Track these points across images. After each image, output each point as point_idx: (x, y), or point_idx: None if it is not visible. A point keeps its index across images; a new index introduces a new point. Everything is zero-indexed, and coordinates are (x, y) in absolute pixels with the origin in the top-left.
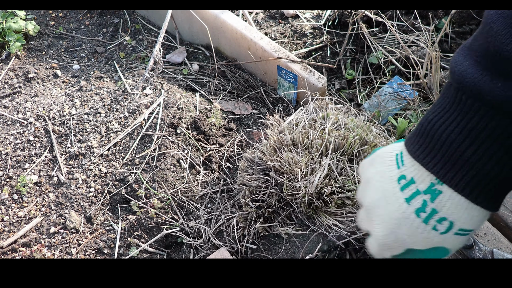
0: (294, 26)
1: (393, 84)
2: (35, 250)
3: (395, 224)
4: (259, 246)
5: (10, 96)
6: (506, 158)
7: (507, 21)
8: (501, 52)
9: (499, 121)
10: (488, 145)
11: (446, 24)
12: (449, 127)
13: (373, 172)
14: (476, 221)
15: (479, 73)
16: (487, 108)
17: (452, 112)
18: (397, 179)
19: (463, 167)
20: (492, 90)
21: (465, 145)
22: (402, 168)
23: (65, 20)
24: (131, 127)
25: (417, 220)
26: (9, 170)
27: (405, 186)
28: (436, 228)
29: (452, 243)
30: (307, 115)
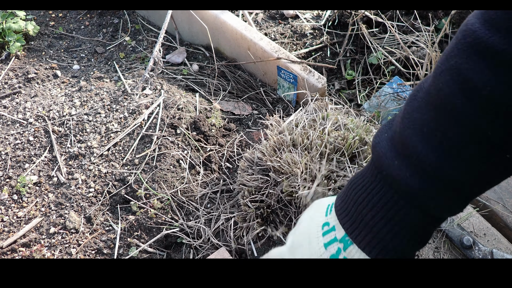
0: (294, 27)
1: (393, 85)
2: (35, 250)
3: None
4: (258, 246)
5: (10, 96)
6: (398, 229)
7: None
8: (403, 136)
9: (392, 196)
10: (382, 215)
11: (446, 25)
12: (359, 191)
13: (305, 215)
14: None
15: (386, 148)
16: (386, 182)
17: (365, 178)
18: (322, 225)
19: (364, 229)
20: (391, 167)
21: (365, 211)
22: (328, 216)
23: (65, 20)
24: (131, 127)
25: None
26: (9, 170)
27: (327, 232)
28: None
29: None
30: (307, 116)
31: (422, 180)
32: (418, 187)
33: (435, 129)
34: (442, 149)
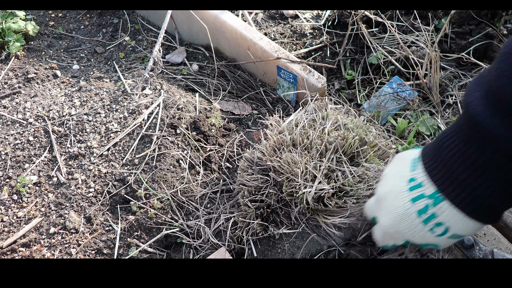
0: (293, 26)
1: (392, 85)
2: (35, 251)
3: (398, 218)
4: (258, 246)
5: (10, 96)
6: (497, 185)
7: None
8: (501, 93)
9: (492, 155)
10: (480, 173)
11: (446, 24)
12: (453, 150)
13: (390, 169)
14: (471, 230)
15: (482, 107)
16: (484, 141)
17: (458, 137)
18: (408, 179)
19: (459, 186)
20: (489, 126)
21: (461, 169)
22: (415, 171)
23: (64, 20)
24: (131, 127)
25: (417, 219)
26: (9, 171)
27: (413, 187)
28: (433, 230)
29: (446, 244)
30: (306, 116)
31: None
32: None
33: None
34: None
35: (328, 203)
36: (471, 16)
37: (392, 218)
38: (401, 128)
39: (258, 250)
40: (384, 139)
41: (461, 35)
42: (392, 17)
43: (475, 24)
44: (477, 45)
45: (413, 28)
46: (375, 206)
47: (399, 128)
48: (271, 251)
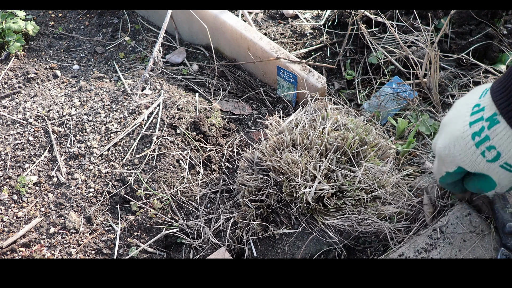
0: (293, 27)
1: (392, 85)
2: (35, 251)
3: (453, 140)
4: (258, 246)
5: (10, 96)
6: None
7: None
8: None
9: None
10: None
11: (445, 25)
12: None
13: (462, 99)
14: None
15: None
16: None
17: None
18: (473, 106)
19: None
20: None
21: None
22: (481, 99)
23: (64, 20)
24: (131, 127)
25: (470, 142)
26: (9, 171)
27: (475, 112)
28: (484, 154)
29: (497, 174)
30: (306, 116)
31: None
32: None
33: None
34: None
35: (327, 203)
36: (471, 16)
37: (447, 139)
38: (401, 128)
39: (258, 250)
40: (384, 139)
41: (461, 35)
42: (392, 17)
43: (475, 24)
44: (477, 45)
45: (413, 28)
46: (439, 130)
47: (399, 128)
48: (271, 251)
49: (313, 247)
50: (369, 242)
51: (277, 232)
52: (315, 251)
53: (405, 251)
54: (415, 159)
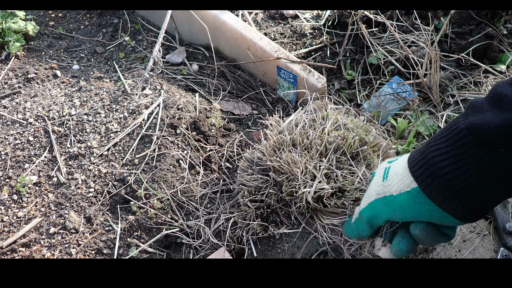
0: (293, 27)
1: (392, 85)
2: (35, 251)
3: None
4: (258, 246)
5: (10, 96)
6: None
7: None
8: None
9: (474, 149)
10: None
11: (445, 24)
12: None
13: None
14: (402, 179)
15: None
16: (470, 137)
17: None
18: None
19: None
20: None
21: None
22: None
23: (64, 20)
24: (131, 127)
25: (379, 180)
26: (9, 171)
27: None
28: (383, 177)
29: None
30: (306, 116)
31: None
32: None
33: None
34: None
35: (327, 203)
36: (471, 16)
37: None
38: (401, 128)
39: (258, 250)
40: (384, 139)
41: (461, 35)
42: (392, 17)
43: (475, 24)
44: (477, 45)
45: (413, 28)
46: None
47: (399, 128)
48: (271, 251)
49: (313, 247)
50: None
51: (277, 232)
52: (315, 251)
53: None
54: None
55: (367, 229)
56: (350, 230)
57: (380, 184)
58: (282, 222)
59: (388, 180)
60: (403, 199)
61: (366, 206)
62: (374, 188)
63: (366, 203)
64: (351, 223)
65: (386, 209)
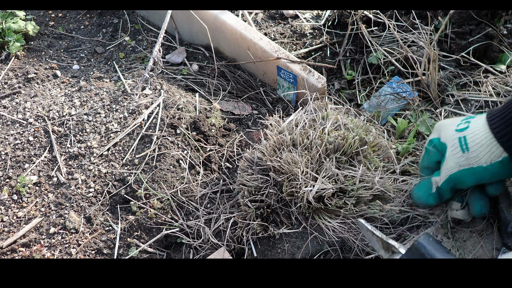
0: (293, 27)
1: (392, 85)
2: (35, 251)
3: (450, 120)
4: (258, 246)
5: (10, 96)
6: None
7: None
8: None
9: None
10: None
11: (444, 24)
12: None
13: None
14: (483, 140)
15: None
16: None
17: None
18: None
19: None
20: None
21: None
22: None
23: (64, 20)
24: (131, 127)
25: (459, 119)
26: (9, 171)
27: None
28: (459, 126)
29: (452, 147)
30: (306, 116)
31: None
32: None
33: None
34: None
35: (328, 203)
36: (471, 16)
37: (449, 119)
38: (401, 128)
39: (258, 250)
40: (384, 139)
41: (461, 35)
42: (392, 17)
43: (475, 24)
44: (477, 45)
45: (413, 28)
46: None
47: (399, 128)
48: (271, 251)
49: (313, 247)
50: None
51: (277, 232)
52: (315, 251)
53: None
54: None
55: (448, 195)
56: (431, 198)
57: (461, 155)
58: (282, 222)
59: (471, 152)
60: (495, 168)
61: (448, 178)
62: (454, 160)
63: (447, 175)
64: (428, 192)
65: (474, 177)
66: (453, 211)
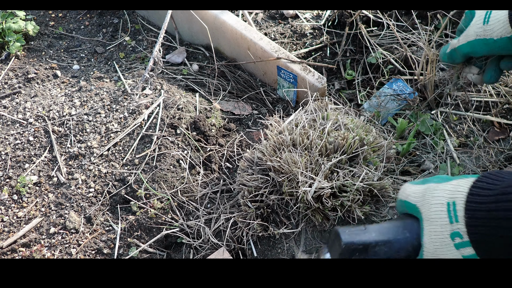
0: (293, 27)
1: (392, 85)
2: (35, 251)
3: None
4: (258, 246)
5: (10, 96)
6: None
7: None
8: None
9: None
10: None
11: (444, 25)
12: None
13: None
14: None
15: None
16: None
17: None
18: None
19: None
20: None
21: None
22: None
23: (65, 20)
24: (131, 127)
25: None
26: (9, 171)
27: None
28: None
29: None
30: (306, 116)
31: None
32: None
33: None
34: None
35: (326, 202)
36: None
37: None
38: (401, 128)
39: (258, 250)
40: (384, 139)
41: None
42: (392, 17)
43: None
44: None
45: (413, 28)
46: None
47: (399, 128)
48: (271, 251)
49: (313, 246)
50: None
51: (277, 232)
52: (315, 251)
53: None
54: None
55: (460, 58)
56: (445, 57)
57: (481, 26)
58: (282, 222)
59: (489, 25)
60: (503, 42)
61: (465, 43)
62: (474, 29)
63: (465, 41)
64: (444, 50)
65: (485, 48)
66: (469, 74)
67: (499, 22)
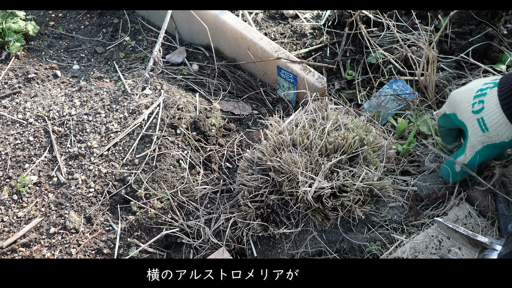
0: (293, 27)
1: (392, 85)
2: (35, 251)
3: (466, 90)
4: (258, 246)
5: (10, 96)
6: None
7: None
8: None
9: None
10: None
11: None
12: None
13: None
14: (497, 122)
15: None
16: None
17: None
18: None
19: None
20: None
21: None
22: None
23: (65, 20)
24: (131, 127)
25: (473, 94)
26: (9, 171)
27: (488, 83)
28: (474, 105)
29: (473, 127)
30: (306, 116)
31: None
32: None
33: None
34: None
35: (326, 202)
36: (471, 16)
37: (464, 88)
38: (401, 128)
39: (258, 250)
40: (384, 139)
41: (461, 35)
42: (392, 17)
43: (475, 24)
44: (477, 45)
45: (413, 28)
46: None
47: (399, 128)
48: (271, 251)
49: (313, 247)
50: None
51: (277, 232)
52: (315, 251)
53: (405, 251)
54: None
55: (475, 168)
56: (457, 176)
57: (482, 135)
58: (282, 222)
59: (491, 131)
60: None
61: (475, 154)
62: (476, 138)
63: (474, 152)
64: (453, 171)
65: (498, 150)
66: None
67: (501, 126)
